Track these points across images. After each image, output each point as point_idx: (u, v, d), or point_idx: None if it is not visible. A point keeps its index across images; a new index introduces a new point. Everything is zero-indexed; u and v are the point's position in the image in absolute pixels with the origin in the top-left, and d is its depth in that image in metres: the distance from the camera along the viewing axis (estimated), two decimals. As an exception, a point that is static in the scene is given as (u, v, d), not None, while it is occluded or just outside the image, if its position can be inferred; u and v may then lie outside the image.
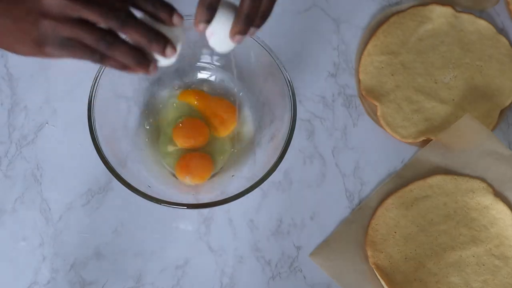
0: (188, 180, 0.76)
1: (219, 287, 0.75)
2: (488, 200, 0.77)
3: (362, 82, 0.83)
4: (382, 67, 0.83)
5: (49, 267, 0.75)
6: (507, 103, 0.82)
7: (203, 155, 0.77)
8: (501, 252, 0.75)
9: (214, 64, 0.80)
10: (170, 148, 0.77)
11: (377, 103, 0.82)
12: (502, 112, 0.82)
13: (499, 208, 0.77)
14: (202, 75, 0.80)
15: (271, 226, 0.77)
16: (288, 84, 0.72)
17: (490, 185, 0.78)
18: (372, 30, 0.85)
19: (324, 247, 0.76)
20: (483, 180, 0.78)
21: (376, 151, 0.81)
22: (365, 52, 0.84)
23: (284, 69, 0.73)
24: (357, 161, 0.80)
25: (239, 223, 0.77)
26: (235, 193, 0.69)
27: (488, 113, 0.81)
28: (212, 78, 0.80)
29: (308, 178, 0.79)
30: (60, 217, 0.77)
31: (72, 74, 0.82)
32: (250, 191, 0.69)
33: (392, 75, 0.83)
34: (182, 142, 0.77)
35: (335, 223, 0.78)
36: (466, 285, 0.74)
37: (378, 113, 0.82)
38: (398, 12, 0.85)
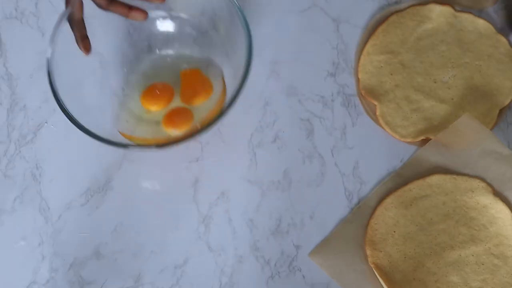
0: (173, 131, 0.79)
1: (218, 286, 0.75)
2: (487, 199, 0.77)
3: (361, 82, 0.83)
4: (381, 66, 0.83)
5: (48, 266, 0.75)
6: (506, 103, 0.82)
7: (184, 110, 0.80)
8: (501, 251, 0.75)
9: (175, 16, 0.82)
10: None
11: (376, 103, 0.82)
12: (501, 111, 0.82)
13: (499, 207, 0.77)
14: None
15: (270, 225, 0.78)
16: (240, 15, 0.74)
17: (489, 184, 0.78)
18: (371, 30, 0.85)
19: (324, 247, 0.76)
20: (482, 179, 0.78)
21: (375, 150, 0.81)
22: (364, 52, 0.84)
23: (239, 9, 0.75)
24: (356, 160, 0.80)
25: (239, 222, 0.77)
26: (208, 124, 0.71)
27: (488, 112, 0.81)
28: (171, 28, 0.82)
29: (307, 178, 0.79)
30: (59, 217, 0.77)
31: (72, 74, 0.82)
32: (221, 118, 0.71)
33: (391, 74, 0.83)
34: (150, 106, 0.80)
35: (335, 223, 0.78)
36: (465, 285, 0.74)
37: (377, 113, 0.82)
38: (397, 12, 0.85)
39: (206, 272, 0.76)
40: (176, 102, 0.81)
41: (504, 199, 0.77)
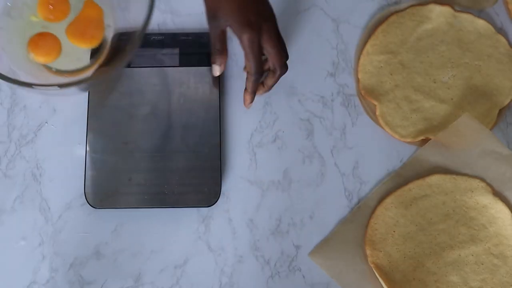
0: (33, 57, 0.75)
1: (218, 286, 0.75)
2: (487, 199, 0.77)
3: (361, 82, 0.83)
4: (381, 66, 0.83)
5: (49, 266, 0.75)
6: (506, 103, 0.82)
7: (53, 37, 0.75)
8: (500, 251, 0.76)
9: None
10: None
11: (376, 103, 0.82)
12: (501, 111, 0.82)
13: (498, 207, 0.77)
14: None
15: (270, 225, 0.78)
16: None
17: (489, 184, 0.78)
18: (371, 30, 0.85)
19: (323, 247, 0.76)
20: (482, 179, 0.78)
21: (375, 150, 0.81)
22: (364, 52, 0.84)
23: None
24: (356, 160, 0.80)
25: (239, 222, 0.77)
26: None
27: (487, 112, 0.82)
28: None
29: (307, 178, 0.79)
30: (59, 217, 0.77)
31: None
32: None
33: (391, 74, 0.83)
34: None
35: (334, 223, 0.78)
36: (465, 284, 0.75)
37: (377, 113, 0.82)
38: (397, 12, 0.86)
39: (206, 272, 0.76)
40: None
41: (503, 199, 0.77)
